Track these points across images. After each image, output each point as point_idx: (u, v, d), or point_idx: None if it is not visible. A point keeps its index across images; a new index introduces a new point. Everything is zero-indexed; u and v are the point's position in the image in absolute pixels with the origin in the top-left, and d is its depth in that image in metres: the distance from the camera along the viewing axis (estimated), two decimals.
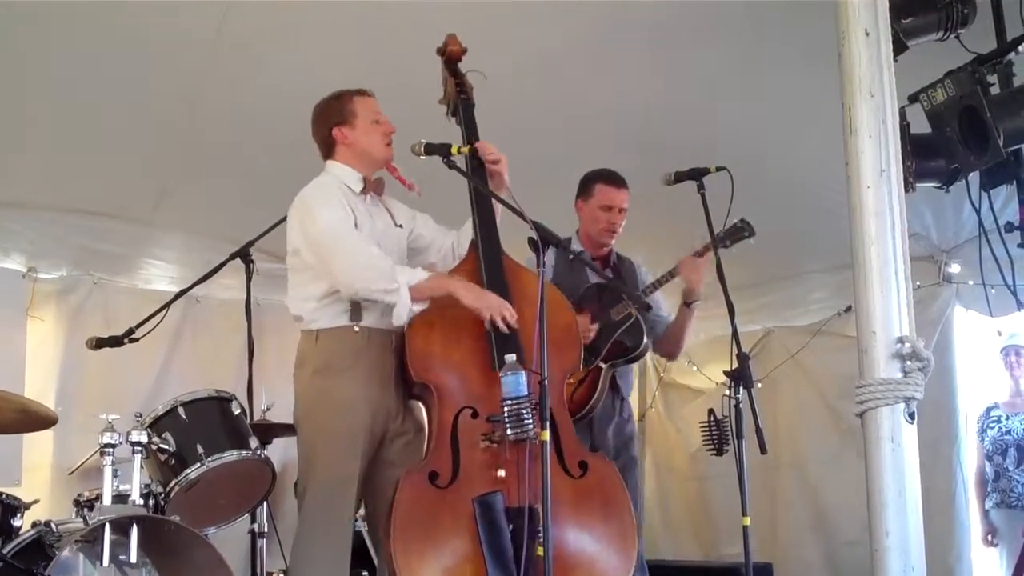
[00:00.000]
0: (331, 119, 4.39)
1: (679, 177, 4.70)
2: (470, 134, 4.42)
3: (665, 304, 5.39)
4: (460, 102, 4.45)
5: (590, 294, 5.15)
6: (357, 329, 4.20)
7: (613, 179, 5.26)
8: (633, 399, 5.79)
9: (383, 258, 4.10)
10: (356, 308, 4.21)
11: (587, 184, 5.34)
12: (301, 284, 4.34)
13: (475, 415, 4.02)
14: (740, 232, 4.95)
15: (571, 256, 4.91)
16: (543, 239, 3.79)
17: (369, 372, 4.21)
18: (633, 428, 5.45)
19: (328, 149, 4.43)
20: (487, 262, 4.21)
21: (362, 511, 4.38)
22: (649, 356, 8.05)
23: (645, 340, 5.15)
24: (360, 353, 4.21)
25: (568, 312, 4.32)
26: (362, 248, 4.12)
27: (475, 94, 4.49)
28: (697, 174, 4.62)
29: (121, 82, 5.17)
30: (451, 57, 4.42)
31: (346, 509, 4.15)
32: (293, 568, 4.22)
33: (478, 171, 4.31)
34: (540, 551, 3.60)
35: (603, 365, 5.06)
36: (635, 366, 5.67)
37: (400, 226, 4.51)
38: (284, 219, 5.21)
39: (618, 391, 5.30)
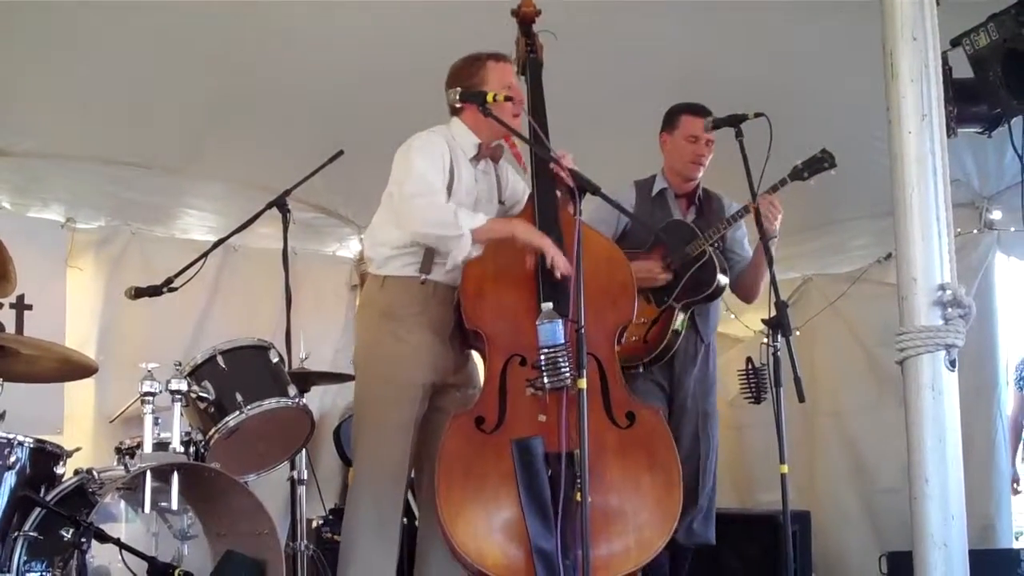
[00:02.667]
0: (461, 82, 4.35)
1: (717, 124, 4.65)
2: (535, 94, 4.40)
3: (747, 243, 5.28)
4: (529, 61, 4.43)
5: (666, 232, 5.08)
6: (423, 281, 4.26)
7: (699, 110, 5.11)
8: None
9: (448, 208, 4.11)
10: (427, 261, 4.26)
11: (672, 116, 5.24)
12: (382, 227, 4.40)
13: (523, 363, 4.04)
14: (820, 163, 4.79)
15: (653, 194, 5.09)
16: (579, 186, 3.78)
17: (431, 323, 4.29)
18: (715, 379, 5.34)
19: (455, 110, 4.44)
20: (541, 215, 4.21)
21: None
22: None
23: (719, 277, 5.04)
24: (424, 303, 4.29)
25: (625, 269, 4.29)
26: (436, 198, 4.14)
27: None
28: (735, 120, 4.54)
29: (157, 32, 5.16)
30: (524, 18, 4.42)
31: (400, 453, 4.23)
32: (348, 508, 4.31)
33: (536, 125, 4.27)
34: (578, 496, 3.63)
35: (676, 305, 5.01)
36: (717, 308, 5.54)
37: (503, 203, 4.55)
38: (320, 168, 5.26)
39: (699, 333, 5.18)
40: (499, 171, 4.56)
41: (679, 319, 5.04)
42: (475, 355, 4.48)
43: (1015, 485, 7.01)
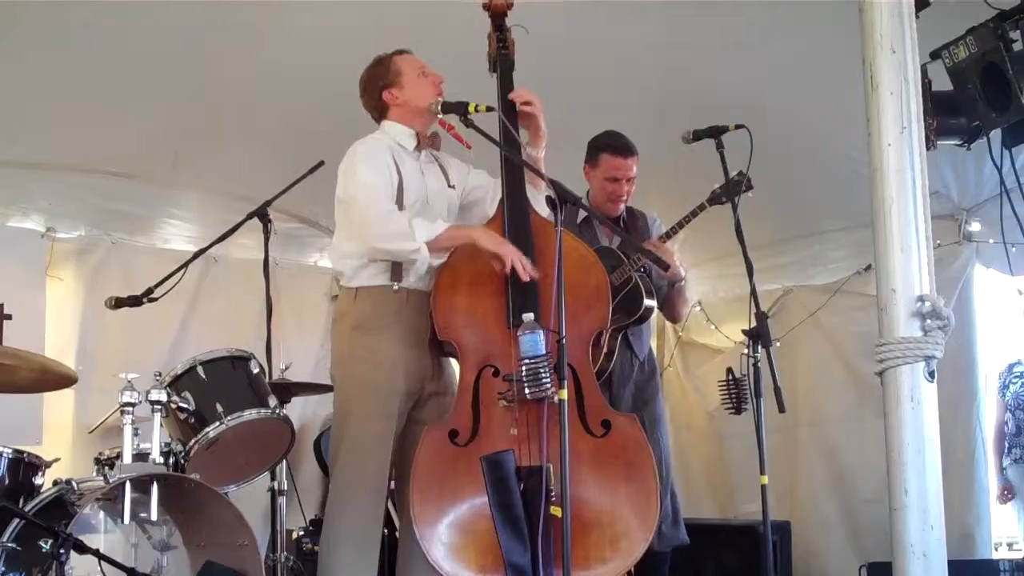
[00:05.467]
0: (379, 83, 4.39)
1: (698, 135, 4.66)
2: (506, 92, 4.37)
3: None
4: (500, 57, 4.41)
5: None
6: (396, 289, 4.23)
7: (619, 148, 5.22)
8: (657, 363, 5.76)
9: (402, 220, 4.10)
10: (396, 268, 4.24)
11: (593, 152, 5.32)
12: (343, 240, 4.38)
13: (496, 373, 4.03)
14: (738, 186, 4.78)
15: (579, 221, 5.14)
16: (561, 197, 3.78)
17: (406, 332, 4.26)
18: (656, 385, 5.45)
19: (381, 113, 4.44)
20: (511, 220, 4.20)
21: None
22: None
23: (646, 302, 5.14)
24: (398, 313, 4.25)
25: (598, 270, 4.27)
26: (386, 213, 4.12)
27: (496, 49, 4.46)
28: (716, 132, 4.57)
29: (138, 43, 5.16)
30: (496, 11, 4.39)
31: (379, 466, 4.20)
32: (327, 524, 4.28)
33: (506, 129, 4.24)
34: (553, 511, 3.62)
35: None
36: (652, 325, 5.63)
37: (453, 187, 4.52)
38: (301, 179, 5.26)
39: (632, 351, 5.31)
40: (440, 158, 4.53)
41: (608, 346, 5.09)
42: (454, 362, 4.46)
43: (1006, 494, 7.05)
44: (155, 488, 4.13)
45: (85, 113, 5.57)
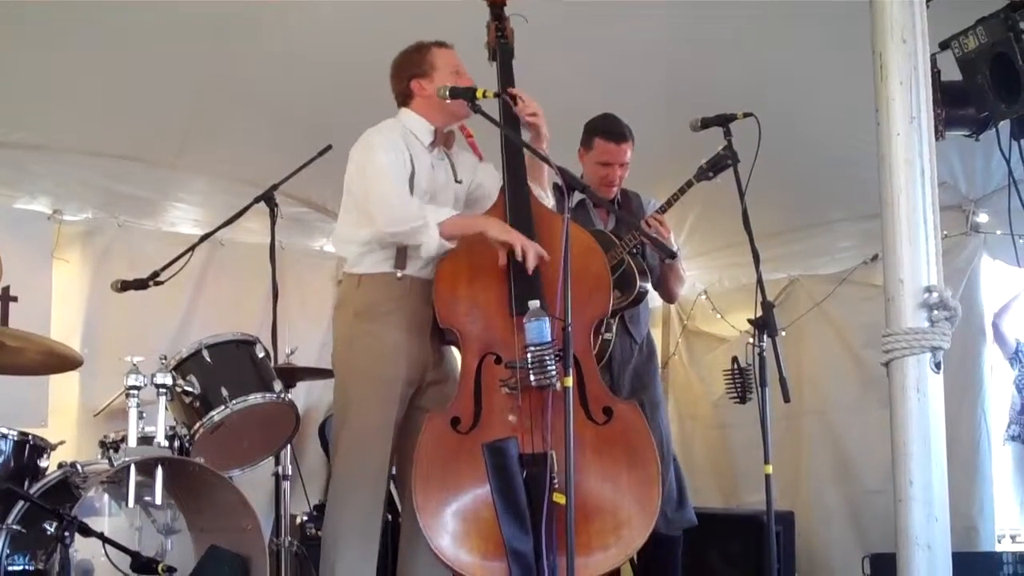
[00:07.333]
0: (410, 71, 4.38)
1: (706, 123, 4.64)
2: (505, 80, 4.38)
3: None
4: (499, 47, 4.41)
5: None
6: (400, 276, 4.24)
7: (612, 134, 5.21)
8: (656, 346, 5.76)
9: (413, 203, 4.11)
10: (401, 256, 4.24)
11: (588, 136, 5.32)
12: (349, 226, 4.37)
13: (498, 361, 4.03)
14: (723, 160, 4.75)
15: (573, 204, 5.00)
16: (568, 184, 3.77)
17: (408, 320, 4.26)
18: (656, 368, 5.45)
19: (405, 99, 4.43)
20: (512, 208, 4.20)
21: None
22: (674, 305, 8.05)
23: (640, 284, 5.16)
24: (401, 300, 4.26)
25: (599, 258, 4.29)
26: (397, 193, 4.12)
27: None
28: (724, 120, 4.56)
29: (146, 26, 5.15)
30: (494, 0, 4.40)
31: (381, 454, 4.21)
32: (329, 512, 4.29)
33: (508, 117, 4.27)
34: (556, 498, 3.63)
35: None
36: (648, 309, 5.61)
37: (460, 181, 4.51)
38: (308, 163, 5.25)
39: (631, 335, 5.31)
40: (450, 154, 4.52)
41: (607, 326, 5.08)
42: (454, 350, 4.45)
43: None
44: (160, 471, 4.14)
45: (92, 95, 5.57)
